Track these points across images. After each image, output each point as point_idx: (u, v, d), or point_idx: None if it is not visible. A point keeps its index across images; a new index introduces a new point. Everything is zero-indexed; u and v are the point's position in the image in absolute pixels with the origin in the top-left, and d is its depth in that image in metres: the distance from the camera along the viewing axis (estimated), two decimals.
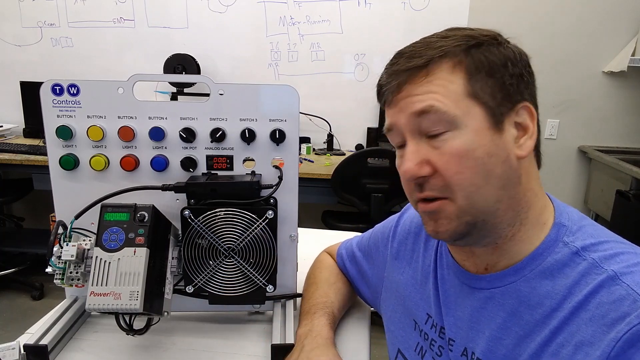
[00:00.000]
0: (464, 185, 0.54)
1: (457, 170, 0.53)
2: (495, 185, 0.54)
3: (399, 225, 0.81)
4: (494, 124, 0.54)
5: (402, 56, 0.57)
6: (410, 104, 0.55)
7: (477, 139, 0.53)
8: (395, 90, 0.56)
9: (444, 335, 0.65)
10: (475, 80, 0.54)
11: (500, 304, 0.58)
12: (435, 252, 0.71)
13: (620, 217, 2.44)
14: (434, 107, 0.53)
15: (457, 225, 0.56)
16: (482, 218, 0.55)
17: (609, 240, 0.55)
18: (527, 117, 0.56)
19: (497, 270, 0.59)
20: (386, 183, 2.25)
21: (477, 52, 0.55)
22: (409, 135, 0.57)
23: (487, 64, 0.54)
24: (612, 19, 2.74)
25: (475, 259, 0.61)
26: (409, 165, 0.55)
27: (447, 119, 0.53)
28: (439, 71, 0.54)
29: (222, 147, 0.79)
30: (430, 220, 0.58)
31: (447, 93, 0.54)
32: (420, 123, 0.55)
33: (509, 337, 0.56)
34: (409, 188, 0.59)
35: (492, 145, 0.54)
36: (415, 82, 0.55)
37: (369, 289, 0.87)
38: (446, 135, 0.54)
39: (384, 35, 2.70)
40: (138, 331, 0.72)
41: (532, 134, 0.56)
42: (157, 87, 2.75)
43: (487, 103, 0.54)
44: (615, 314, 0.48)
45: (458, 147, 0.53)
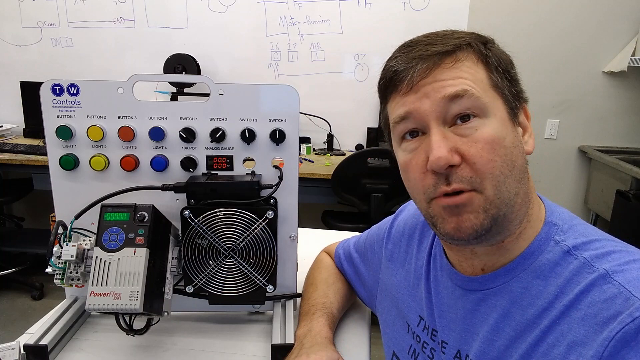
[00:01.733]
0: (495, 174, 0.52)
1: (490, 157, 0.52)
2: (516, 177, 0.54)
3: (393, 227, 0.81)
4: (512, 117, 0.55)
5: (419, 44, 0.55)
6: (440, 89, 0.53)
7: (504, 128, 0.54)
8: (420, 75, 0.53)
9: (435, 338, 0.65)
10: (495, 73, 0.55)
11: (493, 305, 0.58)
12: (428, 254, 0.70)
13: (620, 217, 2.44)
14: (468, 91, 0.52)
15: (484, 218, 0.52)
16: (504, 211, 0.53)
17: (600, 239, 0.55)
18: (525, 117, 0.58)
19: (494, 269, 0.59)
20: (386, 183, 2.24)
21: (492, 48, 0.56)
22: (434, 122, 0.53)
23: (502, 60, 0.56)
24: (612, 19, 2.74)
25: (474, 259, 0.61)
26: (442, 152, 0.51)
27: (480, 105, 0.52)
28: (465, 59, 0.54)
29: (222, 147, 0.79)
30: (453, 216, 0.54)
31: (476, 80, 0.53)
32: (449, 108, 0.52)
33: (501, 338, 0.55)
34: (426, 182, 0.54)
35: (515, 137, 0.55)
36: (444, 67, 0.53)
37: (365, 290, 0.87)
38: (474, 122, 0.52)
39: (384, 35, 2.70)
40: (138, 331, 0.72)
41: (531, 133, 0.58)
42: (157, 87, 2.75)
43: (506, 97, 0.55)
44: (607, 313, 0.47)
45: (491, 134, 0.52)
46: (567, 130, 2.93)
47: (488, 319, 0.58)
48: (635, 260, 0.51)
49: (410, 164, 0.56)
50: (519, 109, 0.57)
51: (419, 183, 0.56)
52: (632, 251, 0.53)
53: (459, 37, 0.55)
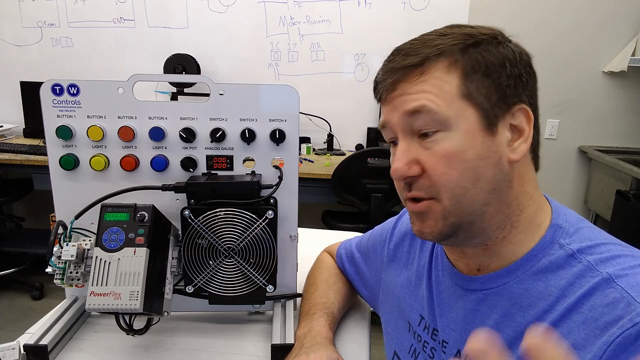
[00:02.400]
0: (450, 186, 0.53)
1: (444, 171, 0.53)
2: (484, 188, 0.54)
3: (396, 227, 0.81)
4: (486, 126, 0.53)
5: (399, 53, 0.56)
6: (404, 103, 0.54)
7: (468, 141, 0.53)
8: (389, 88, 0.56)
9: (436, 337, 0.65)
10: (471, 81, 0.53)
11: (493, 305, 0.57)
12: (430, 254, 0.70)
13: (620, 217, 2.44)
14: (426, 107, 0.53)
15: (443, 226, 0.55)
16: (468, 220, 0.55)
17: (606, 243, 0.54)
18: (524, 119, 0.55)
19: (489, 271, 0.59)
20: (386, 183, 2.25)
21: (474, 52, 0.54)
22: (400, 134, 0.56)
23: (484, 63, 0.53)
24: (612, 19, 2.74)
25: (468, 259, 0.61)
26: (398, 165, 0.55)
27: (439, 119, 0.53)
28: (434, 70, 0.54)
29: (222, 147, 0.79)
30: (417, 220, 0.58)
31: (441, 93, 0.53)
32: (412, 122, 0.54)
33: (501, 339, 0.55)
34: (398, 187, 0.59)
35: (484, 148, 0.53)
36: (410, 81, 0.54)
37: (367, 290, 0.87)
38: (437, 135, 0.53)
39: (384, 35, 2.70)
40: (138, 331, 0.72)
41: (527, 137, 0.55)
42: (157, 87, 2.75)
43: (482, 105, 0.53)
44: (608, 317, 0.47)
45: (448, 148, 0.53)
46: (567, 130, 2.93)
47: (488, 319, 0.57)
48: None
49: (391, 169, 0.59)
50: (505, 114, 0.54)
51: (396, 186, 0.60)
52: (638, 255, 0.52)
53: (436, 45, 0.54)
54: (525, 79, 0.55)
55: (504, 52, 0.54)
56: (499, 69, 0.54)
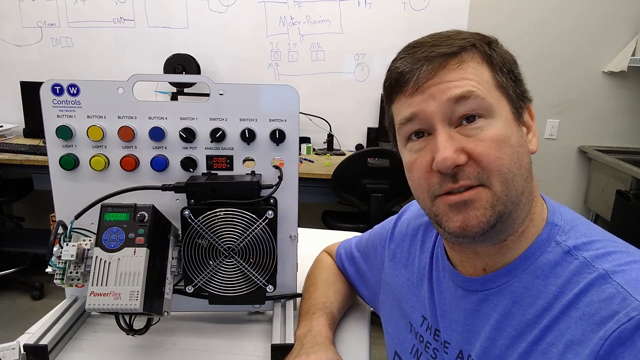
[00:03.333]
0: (503, 170, 0.53)
1: (498, 155, 0.52)
2: (523, 175, 0.55)
3: (396, 227, 0.81)
4: (517, 117, 0.56)
5: (424, 45, 0.56)
6: (446, 90, 0.53)
7: (510, 128, 0.54)
8: (426, 76, 0.54)
9: (438, 338, 0.65)
10: (500, 74, 0.55)
11: (494, 305, 0.58)
12: (430, 254, 0.70)
13: (620, 217, 2.44)
14: (474, 92, 0.53)
15: (491, 215, 0.53)
16: (510, 209, 0.54)
17: (601, 239, 0.55)
18: (529, 117, 0.59)
19: (494, 270, 0.59)
20: (386, 183, 2.24)
21: (497, 48, 0.57)
22: (440, 123, 0.54)
23: (506, 61, 0.56)
24: (612, 19, 2.73)
25: (476, 260, 0.61)
26: (448, 153, 0.52)
27: (485, 105, 0.53)
28: (470, 60, 0.54)
29: (222, 147, 0.79)
30: (459, 213, 0.54)
31: (481, 81, 0.54)
32: (455, 109, 0.53)
33: (502, 338, 0.56)
34: (432, 181, 0.55)
35: (520, 136, 0.55)
36: (449, 68, 0.54)
37: (368, 290, 0.87)
38: (480, 122, 0.53)
39: (384, 35, 2.70)
40: (138, 331, 0.72)
41: (535, 132, 0.59)
42: (157, 87, 2.75)
43: (511, 97, 0.56)
44: (604, 312, 0.47)
45: (497, 133, 0.53)
46: (567, 130, 2.93)
47: (489, 319, 0.58)
48: (636, 261, 0.51)
49: (415, 164, 0.57)
50: (523, 109, 0.57)
51: (423, 182, 0.56)
52: (633, 252, 0.53)
53: (464, 38, 0.55)
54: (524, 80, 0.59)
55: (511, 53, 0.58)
56: (514, 66, 0.57)
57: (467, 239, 0.55)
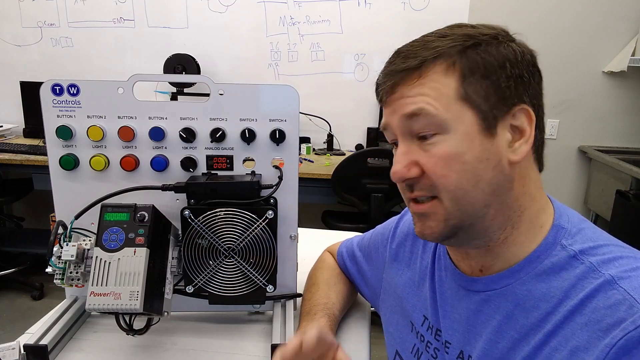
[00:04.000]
0: (449, 188, 0.54)
1: (443, 173, 0.53)
2: (484, 190, 0.54)
3: (399, 227, 0.81)
4: (485, 128, 0.53)
5: (399, 56, 0.57)
6: (403, 106, 0.55)
7: (467, 143, 0.53)
8: (389, 91, 0.56)
9: (439, 338, 0.65)
10: (469, 83, 0.53)
11: (496, 306, 0.57)
12: (433, 254, 0.70)
13: (620, 217, 2.44)
14: (424, 110, 0.53)
15: (444, 227, 0.56)
16: (469, 222, 0.55)
17: (608, 244, 0.54)
18: (525, 120, 0.54)
19: (492, 272, 0.59)
20: (386, 183, 2.24)
21: (473, 53, 0.53)
22: (400, 136, 0.57)
23: (483, 65, 0.53)
24: (612, 19, 2.73)
25: (470, 260, 0.61)
26: (398, 167, 0.56)
27: (437, 122, 0.53)
28: (432, 73, 0.54)
29: (222, 147, 0.79)
30: (419, 221, 0.59)
31: (439, 96, 0.53)
32: (411, 125, 0.55)
33: (504, 341, 0.55)
34: (401, 187, 0.60)
35: (483, 150, 0.53)
36: (409, 84, 0.55)
37: (369, 289, 0.87)
38: (435, 138, 0.54)
39: (384, 35, 2.70)
40: (138, 331, 0.72)
41: (528, 138, 0.54)
42: (157, 87, 2.75)
43: (480, 106, 0.53)
44: (610, 319, 0.47)
45: (446, 151, 0.53)
46: (567, 130, 2.93)
47: (491, 321, 0.57)
48: None
49: None
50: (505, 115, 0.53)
51: (399, 187, 0.60)
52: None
53: (434, 47, 0.54)
54: (526, 78, 0.54)
55: (504, 52, 0.54)
56: (498, 70, 0.53)
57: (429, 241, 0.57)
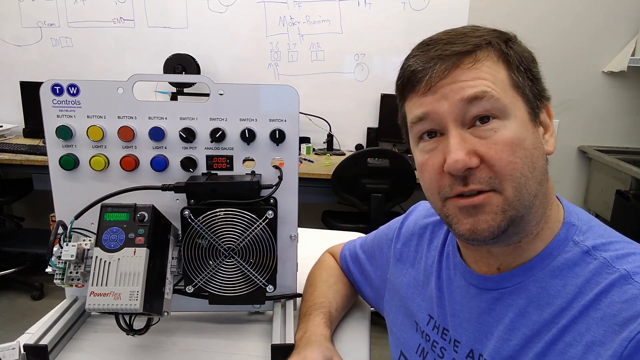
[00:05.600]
0: (515, 175, 0.51)
1: (510, 159, 0.51)
2: (537, 178, 0.53)
3: (403, 227, 0.80)
4: (533, 117, 0.54)
5: (438, 43, 0.54)
6: (460, 90, 0.52)
7: (524, 130, 0.53)
8: (439, 75, 0.53)
9: (446, 337, 0.65)
10: (517, 72, 0.54)
11: (509, 304, 0.57)
12: (439, 253, 0.70)
13: (620, 217, 2.44)
14: (488, 93, 0.51)
15: (502, 220, 0.52)
16: (522, 213, 0.53)
17: (619, 241, 0.54)
18: (547, 116, 0.57)
19: (510, 269, 0.58)
20: (386, 183, 2.25)
21: (514, 46, 0.55)
22: (452, 124, 0.53)
23: (524, 58, 0.55)
24: (612, 19, 2.73)
25: (490, 259, 0.60)
26: (460, 155, 0.51)
27: (499, 106, 0.52)
28: (485, 59, 0.53)
29: (222, 147, 0.79)
30: (469, 217, 0.53)
31: (496, 81, 0.52)
32: (468, 110, 0.52)
33: (517, 338, 0.55)
34: (442, 182, 0.55)
35: (535, 138, 0.54)
36: (463, 68, 0.52)
37: (372, 291, 0.86)
38: (493, 124, 0.52)
39: (384, 35, 2.70)
40: (138, 331, 0.72)
41: (552, 132, 0.57)
42: (157, 87, 2.75)
43: (527, 96, 0.54)
44: (627, 313, 0.47)
45: (510, 136, 0.52)
46: (567, 130, 2.93)
47: (504, 319, 0.57)
48: None
49: (427, 164, 0.56)
50: (540, 109, 0.56)
51: (434, 183, 0.56)
52: None
53: (479, 36, 0.54)
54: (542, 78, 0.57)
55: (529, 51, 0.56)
56: (532, 65, 0.55)
57: (477, 241, 0.54)
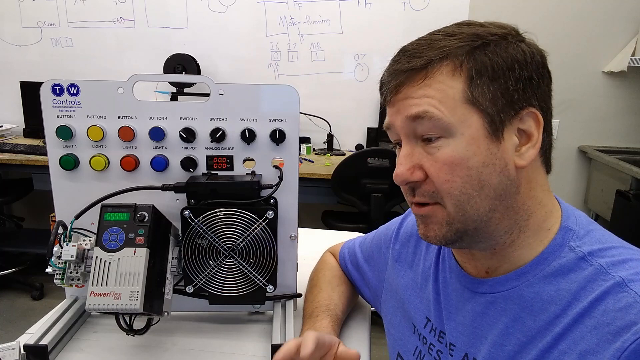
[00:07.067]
0: (454, 193, 0.53)
1: (447, 178, 0.52)
2: (489, 195, 0.53)
3: (402, 227, 0.80)
4: (492, 132, 0.52)
5: (405, 54, 0.55)
6: (407, 107, 0.53)
7: (473, 147, 0.51)
8: (393, 91, 0.55)
9: (443, 340, 0.65)
10: (476, 85, 0.51)
11: (503, 309, 0.57)
12: (436, 255, 0.70)
13: (620, 217, 2.44)
14: (429, 112, 0.52)
15: (447, 231, 0.55)
16: (474, 226, 0.54)
17: (617, 246, 0.53)
18: (533, 124, 0.53)
19: (498, 274, 0.58)
20: (386, 183, 2.24)
21: (481, 54, 0.51)
22: (404, 138, 0.56)
23: (491, 67, 0.51)
24: (612, 19, 2.73)
25: (476, 262, 0.61)
26: (401, 170, 0.55)
27: (442, 125, 0.52)
28: (438, 74, 0.52)
29: (222, 147, 0.79)
30: (422, 223, 0.58)
31: (444, 98, 0.51)
32: (415, 127, 0.54)
33: (511, 344, 0.54)
34: (404, 190, 0.59)
35: (488, 155, 0.52)
36: (414, 85, 0.53)
37: (370, 291, 0.86)
38: (440, 142, 0.52)
39: (384, 35, 2.70)
40: (138, 331, 0.72)
41: (535, 142, 0.53)
42: (157, 87, 2.75)
43: (486, 110, 0.51)
44: (621, 322, 0.46)
45: (450, 155, 0.52)
46: (567, 130, 2.93)
47: (497, 323, 0.57)
48: None
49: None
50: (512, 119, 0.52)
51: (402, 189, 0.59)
52: None
53: (441, 47, 0.52)
54: (535, 81, 0.53)
55: (513, 54, 0.52)
56: (507, 72, 0.51)
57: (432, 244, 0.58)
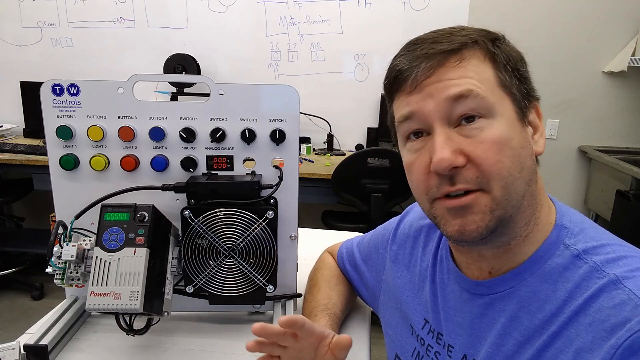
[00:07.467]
0: (503, 174, 0.51)
1: (498, 158, 0.50)
2: (524, 178, 0.53)
3: (399, 228, 0.80)
4: (521, 117, 0.54)
5: (425, 42, 0.54)
6: (444, 89, 0.51)
7: (511, 129, 0.52)
8: (424, 74, 0.52)
9: (441, 341, 0.64)
10: (503, 72, 0.53)
11: (501, 309, 0.57)
12: (433, 257, 0.70)
13: (620, 217, 2.44)
14: (473, 91, 0.51)
15: (490, 219, 0.52)
16: (510, 213, 0.53)
17: (611, 244, 0.54)
18: (536, 116, 0.57)
19: (501, 273, 0.58)
20: (386, 183, 2.24)
21: (502, 45, 0.55)
22: (438, 122, 0.52)
23: (512, 58, 0.54)
24: (612, 19, 2.74)
25: (482, 262, 0.60)
26: (445, 154, 0.50)
27: (486, 105, 0.51)
28: (471, 57, 0.53)
29: (222, 147, 0.79)
30: (457, 217, 0.53)
31: (482, 79, 0.52)
32: (454, 109, 0.51)
33: (509, 343, 0.55)
34: (430, 183, 0.54)
35: (522, 138, 0.53)
36: (449, 66, 0.52)
37: (368, 291, 0.86)
38: (480, 122, 0.51)
39: (384, 35, 2.70)
40: (138, 331, 0.72)
41: (542, 133, 0.57)
42: (157, 87, 2.75)
43: (515, 96, 0.54)
44: (615, 319, 0.46)
45: (497, 135, 0.51)
46: (567, 130, 2.93)
47: (496, 324, 0.57)
48: None
49: (414, 165, 0.55)
50: (528, 108, 0.55)
51: (422, 184, 0.55)
52: None
53: (466, 35, 0.53)
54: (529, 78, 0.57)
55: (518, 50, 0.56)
56: (520, 64, 0.55)
57: (466, 242, 0.54)
